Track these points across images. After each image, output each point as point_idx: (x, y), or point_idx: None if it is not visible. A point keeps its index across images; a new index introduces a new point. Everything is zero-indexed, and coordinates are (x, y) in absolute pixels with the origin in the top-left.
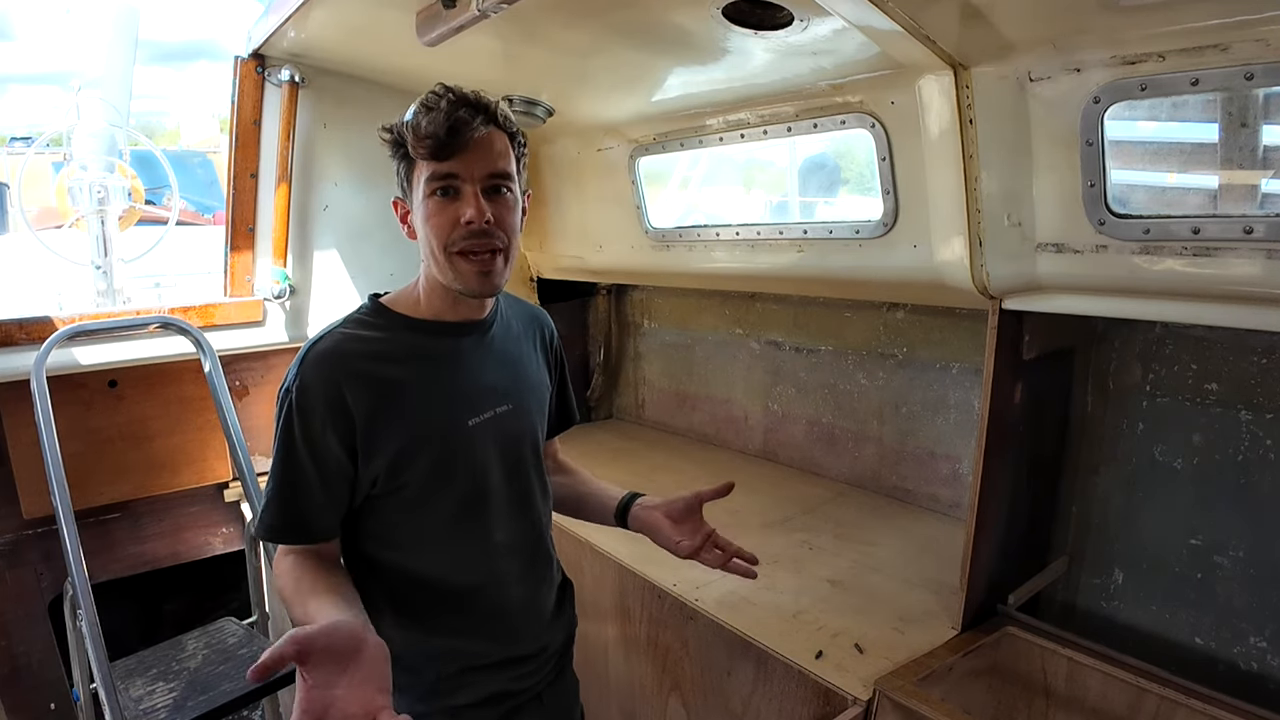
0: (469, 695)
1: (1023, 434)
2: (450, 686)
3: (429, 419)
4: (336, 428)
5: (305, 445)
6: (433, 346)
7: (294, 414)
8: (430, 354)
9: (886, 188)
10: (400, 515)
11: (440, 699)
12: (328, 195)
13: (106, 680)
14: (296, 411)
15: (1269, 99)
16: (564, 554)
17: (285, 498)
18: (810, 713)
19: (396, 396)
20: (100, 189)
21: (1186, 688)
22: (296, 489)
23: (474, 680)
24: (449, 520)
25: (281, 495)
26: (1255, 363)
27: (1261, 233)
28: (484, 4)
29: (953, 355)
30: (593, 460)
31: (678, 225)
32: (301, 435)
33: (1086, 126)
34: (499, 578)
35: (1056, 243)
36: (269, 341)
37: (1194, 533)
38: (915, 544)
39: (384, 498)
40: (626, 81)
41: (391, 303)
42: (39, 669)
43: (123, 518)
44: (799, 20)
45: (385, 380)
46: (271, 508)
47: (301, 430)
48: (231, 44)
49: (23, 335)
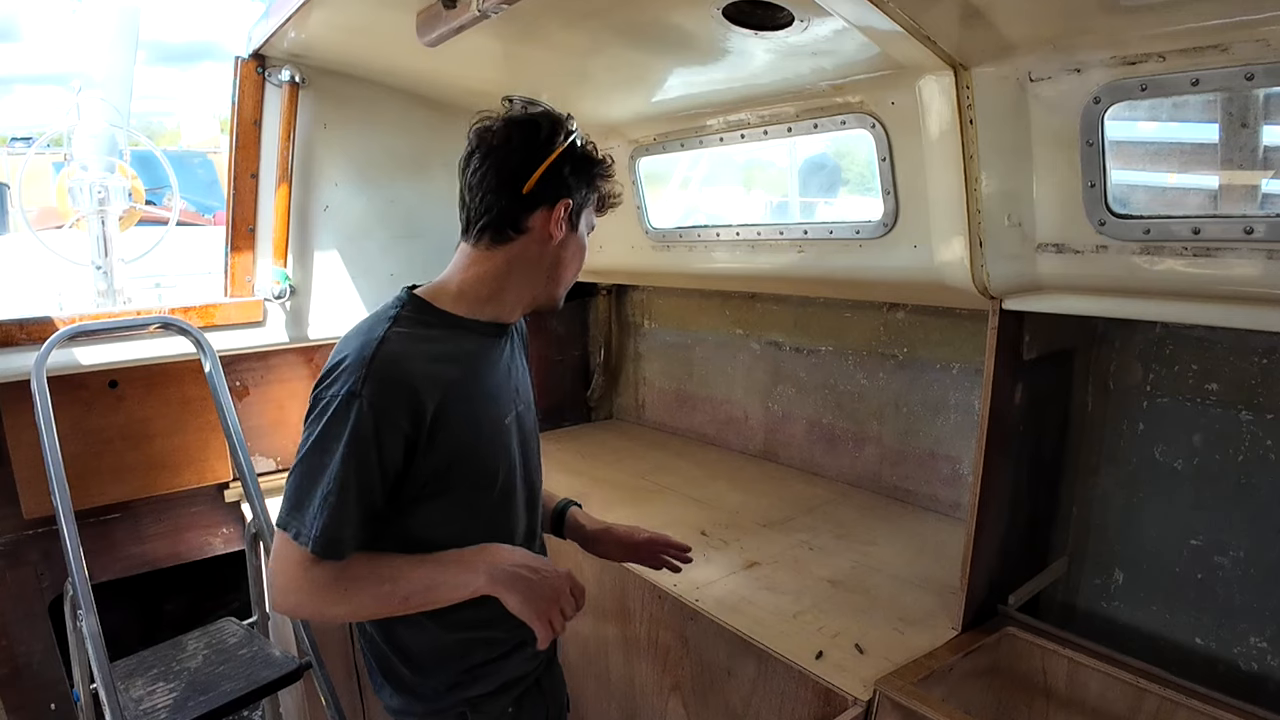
0: (486, 685)
1: (1023, 434)
2: (470, 678)
3: (481, 419)
4: (405, 431)
5: (376, 449)
6: (476, 346)
7: (365, 417)
8: (475, 353)
9: (887, 188)
10: (441, 515)
11: (461, 690)
12: (328, 195)
13: (106, 680)
14: (371, 414)
15: (1269, 99)
16: (565, 554)
17: (346, 502)
18: (810, 713)
19: (457, 397)
20: (101, 189)
21: (1186, 688)
22: (361, 494)
23: (490, 671)
24: (487, 518)
25: (343, 501)
26: (1255, 363)
27: (1262, 233)
28: (484, 4)
29: (953, 355)
30: (593, 461)
31: (678, 225)
32: (374, 438)
33: (1087, 127)
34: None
35: (1057, 243)
36: (269, 342)
37: (1194, 533)
38: (915, 544)
39: (428, 500)
40: (626, 82)
41: (434, 298)
42: (39, 669)
43: (123, 518)
44: (799, 20)
45: (449, 381)
46: (332, 516)
47: (374, 433)
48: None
49: (23, 335)
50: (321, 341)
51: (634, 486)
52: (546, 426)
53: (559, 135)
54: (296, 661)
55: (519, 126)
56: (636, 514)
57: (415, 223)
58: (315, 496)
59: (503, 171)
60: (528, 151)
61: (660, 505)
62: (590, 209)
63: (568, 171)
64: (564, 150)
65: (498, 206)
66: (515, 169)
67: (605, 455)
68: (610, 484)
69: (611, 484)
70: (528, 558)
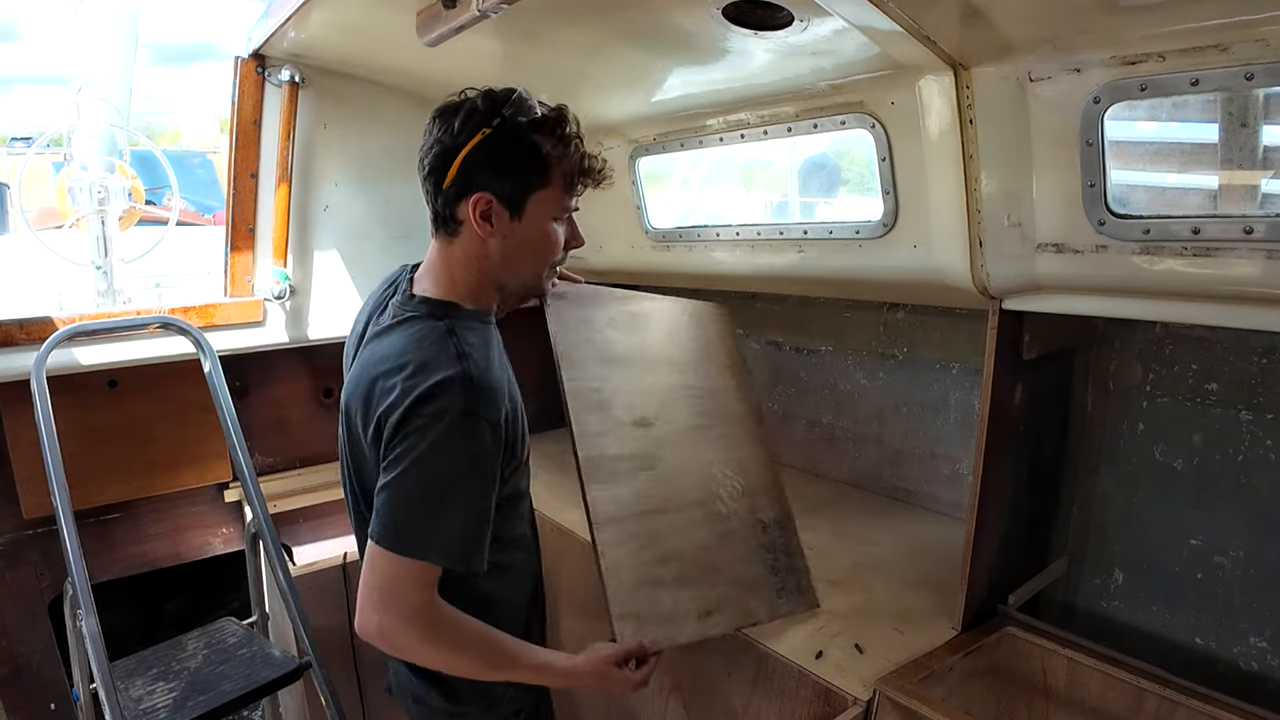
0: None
1: (1023, 434)
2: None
3: (518, 401)
4: (505, 435)
5: (495, 459)
6: (493, 334)
7: (483, 432)
8: (498, 343)
9: (886, 188)
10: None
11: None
12: (328, 195)
13: (106, 680)
14: (488, 428)
15: (1269, 99)
16: (567, 555)
17: (486, 517)
18: (810, 713)
19: (512, 393)
20: (100, 189)
21: (1186, 688)
22: (490, 505)
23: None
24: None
25: (484, 516)
26: (1255, 363)
27: (1261, 233)
28: (484, 4)
29: (953, 355)
30: None
31: (678, 226)
32: (494, 449)
33: (1086, 126)
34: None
35: (1056, 243)
36: (269, 342)
37: (1194, 533)
38: (915, 544)
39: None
40: (626, 81)
41: (452, 297)
42: (39, 669)
43: (123, 518)
44: (799, 20)
45: (508, 379)
46: (477, 532)
47: (493, 445)
48: (232, 45)
49: (23, 335)
50: (321, 341)
51: None
52: (546, 426)
53: (475, 126)
54: (296, 661)
55: (439, 119)
56: None
57: (415, 223)
58: (449, 515)
59: (424, 164)
60: (443, 145)
61: None
62: (545, 192)
63: (484, 164)
64: (482, 141)
65: (431, 200)
66: (433, 163)
67: None
68: None
69: None
70: (588, 680)
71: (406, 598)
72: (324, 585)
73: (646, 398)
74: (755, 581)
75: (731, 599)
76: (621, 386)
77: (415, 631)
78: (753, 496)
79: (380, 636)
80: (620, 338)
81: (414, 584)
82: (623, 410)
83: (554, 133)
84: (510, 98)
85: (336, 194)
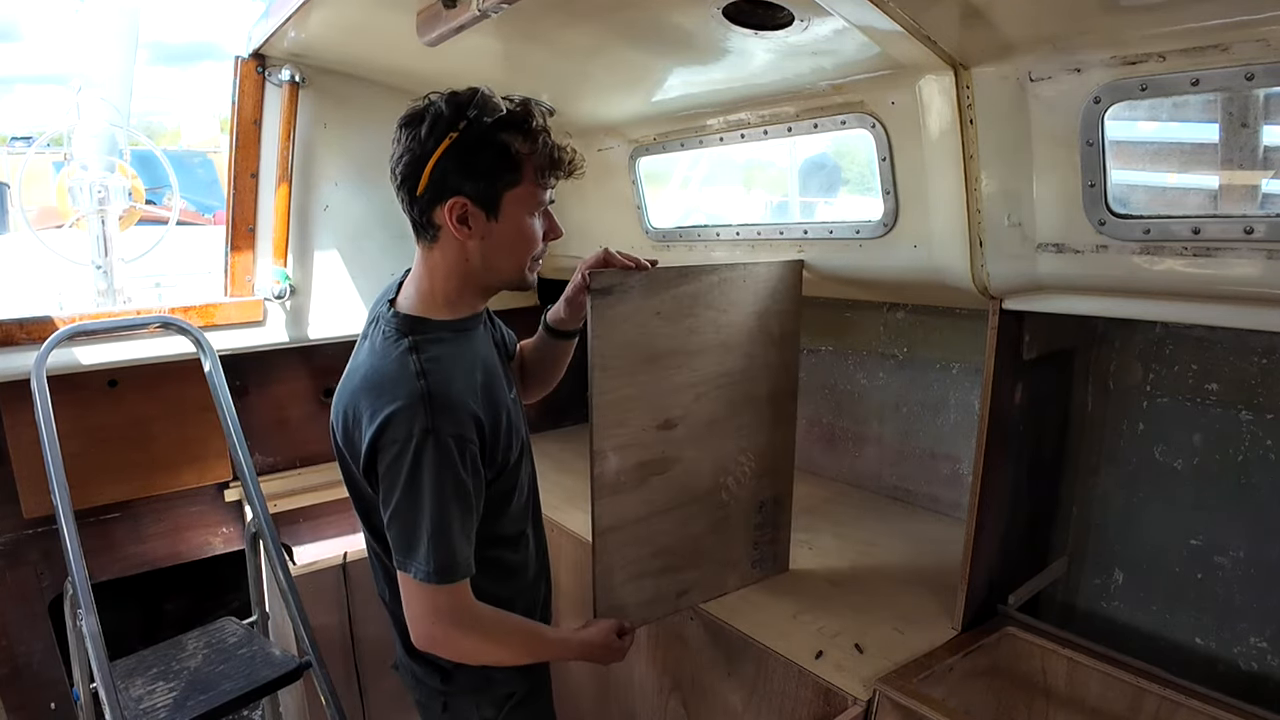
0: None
1: (1023, 434)
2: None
3: (502, 405)
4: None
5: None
6: (475, 341)
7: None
8: (479, 349)
9: (887, 188)
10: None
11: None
12: (328, 195)
13: (106, 680)
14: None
15: (1269, 99)
16: (568, 555)
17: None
18: (810, 713)
19: (490, 400)
20: (101, 189)
21: (1186, 688)
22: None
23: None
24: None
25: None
26: (1255, 363)
27: (1262, 233)
28: (484, 4)
29: (953, 355)
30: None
31: (678, 225)
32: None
33: (1086, 126)
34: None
35: (1057, 243)
36: (269, 341)
37: (1194, 533)
38: (915, 544)
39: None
40: (626, 81)
41: (423, 311)
42: (39, 669)
43: (123, 518)
44: (799, 20)
45: (481, 386)
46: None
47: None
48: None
49: (23, 335)
50: (322, 341)
51: None
52: (547, 426)
53: (441, 131)
54: (296, 661)
55: (405, 127)
56: None
57: None
58: (421, 535)
59: (396, 174)
60: (412, 153)
61: None
62: (519, 189)
63: (454, 168)
64: (450, 145)
65: (407, 209)
66: (404, 172)
67: None
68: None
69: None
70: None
71: (420, 607)
72: (324, 585)
73: (678, 395)
74: (736, 559)
75: (708, 576)
76: (653, 389)
77: (468, 640)
78: (759, 478)
79: (429, 642)
80: (665, 329)
81: (419, 596)
82: (649, 416)
83: (521, 129)
84: (474, 98)
85: (337, 194)
